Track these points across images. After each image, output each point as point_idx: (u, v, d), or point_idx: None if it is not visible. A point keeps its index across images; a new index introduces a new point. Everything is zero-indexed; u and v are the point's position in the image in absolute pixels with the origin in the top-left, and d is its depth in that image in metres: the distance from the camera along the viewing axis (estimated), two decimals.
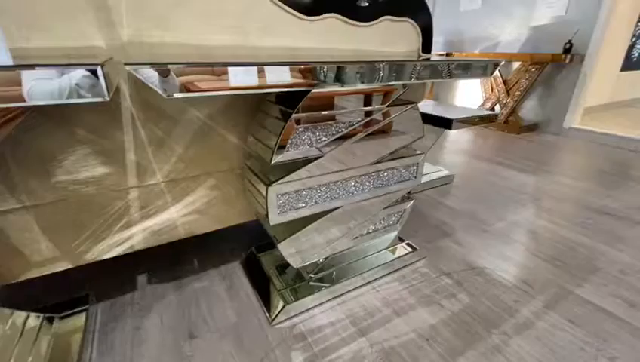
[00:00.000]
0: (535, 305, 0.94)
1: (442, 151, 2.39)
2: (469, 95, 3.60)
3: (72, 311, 0.84)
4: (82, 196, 0.79)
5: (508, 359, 0.78)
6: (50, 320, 0.81)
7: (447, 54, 3.40)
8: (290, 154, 0.76)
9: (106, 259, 0.85)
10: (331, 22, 0.94)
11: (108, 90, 0.49)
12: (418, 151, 1.01)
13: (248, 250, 1.13)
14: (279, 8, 0.85)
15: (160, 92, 0.51)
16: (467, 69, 0.91)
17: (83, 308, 0.86)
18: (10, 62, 0.57)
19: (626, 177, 1.96)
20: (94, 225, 0.83)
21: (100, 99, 0.48)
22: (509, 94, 3.04)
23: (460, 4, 3.46)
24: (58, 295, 0.91)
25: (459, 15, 3.51)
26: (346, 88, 0.77)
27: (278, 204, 0.79)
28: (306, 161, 0.79)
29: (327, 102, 0.84)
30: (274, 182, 0.77)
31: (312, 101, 0.76)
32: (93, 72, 0.47)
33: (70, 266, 0.83)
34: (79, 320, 0.83)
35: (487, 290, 1.00)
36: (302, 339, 0.82)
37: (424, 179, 1.74)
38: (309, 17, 0.90)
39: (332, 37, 0.96)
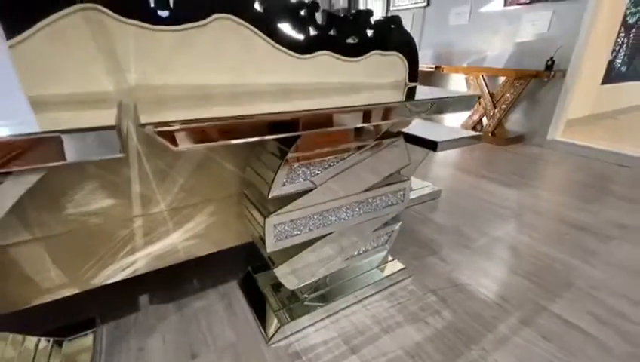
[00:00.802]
0: (511, 321, 1.02)
1: (431, 165, 2.47)
2: None
3: (79, 334, 0.89)
4: (90, 226, 0.84)
5: None
6: (60, 344, 0.86)
7: (437, 67, 3.51)
8: (286, 189, 0.83)
9: (111, 283, 0.90)
10: (323, 58, 1.01)
11: (123, 147, 0.55)
12: (404, 178, 1.08)
13: (245, 270, 1.19)
14: (274, 48, 0.92)
15: (171, 147, 0.57)
16: (450, 105, 0.99)
17: (90, 330, 0.91)
18: (30, 113, 0.63)
19: (604, 191, 2.07)
20: (101, 252, 0.88)
21: (115, 156, 0.54)
22: (495, 107, 3.16)
23: (449, 18, 3.57)
24: (65, 318, 0.95)
25: (448, 29, 3.62)
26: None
27: (275, 233, 0.86)
28: (300, 193, 0.86)
29: (322, 135, 0.90)
30: (271, 213, 0.83)
31: (307, 135, 0.82)
32: (110, 135, 0.53)
33: (77, 291, 0.88)
34: (87, 341, 0.88)
35: (469, 307, 1.07)
36: (297, 358, 0.88)
37: (414, 194, 1.81)
38: (302, 55, 0.97)
39: (324, 72, 1.02)
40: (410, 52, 1.19)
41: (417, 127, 1.75)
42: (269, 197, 0.80)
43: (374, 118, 0.81)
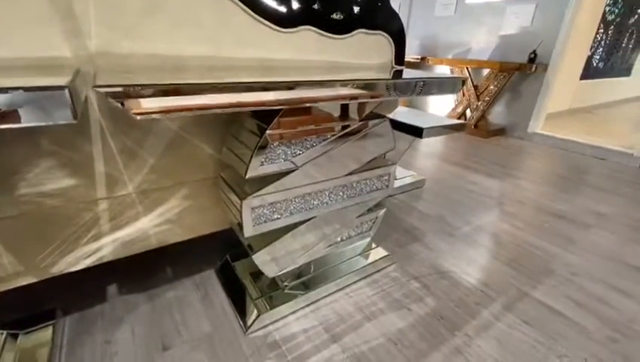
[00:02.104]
0: (494, 307, 1.01)
1: (415, 155, 2.47)
2: (442, 99, 3.72)
3: (37, 327, 0.82)
4: (48, 209, 0.76)
5: (468, 359, 0.83)
6: (15, 337, 0.78)
7: (422, 58, 3.50)
8: (264, 169, 0.77)
9: (74, 271, 0.83)
10: (306, 34, 0.95)
11: (76, 112, 0.48)
12: (389, 162, 1.05)
13: (223, 257, 1.13)
14: (254, 20, 0.85)
15: (131, 114, 0.51)
16: (436, 86, 0.96)
17: (49, 322, 0.83)
18: None
19: (581, 182, 2.12)
20: (61, 237, 0.80)
21: (67, 122, 0.47)
22: (479, 99, 3.18)
23: (435, 9, 3.56)
24: (22, 310, 0.87)
25: (434, 20, 3.61)
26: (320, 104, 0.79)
27: (253, 216, 0.80)
28: (280, 174, 0.81)
29: (304, 113, 0.85)
30: (249, 195, 0.78)
31: (288, 112, 0.77)
32: (61, 96, 0.46)
33: (35, 280, 0.80)
34: (45, 335, 0.81)
35: (452, 293, 1.06)
36: (276, 348, 0.84)
37: (398, 183, 1.79)
38: (283, 29, 0.91)
39: (306, 48, 0.97)
40: (397, 32, 1.15)
41: (403, 114, 1.72)
42: (246, 177, 0.75)
43: (359, 96, 0.77)
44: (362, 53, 1.09)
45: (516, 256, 1.28)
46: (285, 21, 0.90)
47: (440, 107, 3.76)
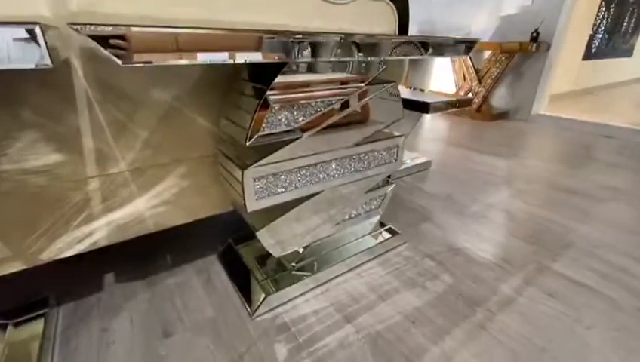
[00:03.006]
0: (514, 281, 0.96)
1: (418, 139, 2.41)
2: (443, 84, 3.66)
3: (27, 316, 0.76)
4: (32, 188, 0.70)
5: (493, 335, 0.78)
6: (4, 327, 0.72)
7: None
8: (266, 135, 0.71)
9: (67, 258, 0.77)
10: None
11: (50, 56, 0.42)
12: (398, 134, 0.99)
13: (225, 242, 1.07)
14: None
15: (114, 59, 0.45)
16: (443, 47, 0.90)
17: (41, 312, 0.78)
18: None
19: (589, 159, 2.06)
20: (49, 220, 0.74)
21: (39, 65, 0.42)
22: (480, 83, 3.12)
23: None
24: (11, 299, 0.82)
25: (432, 4, 3.54)
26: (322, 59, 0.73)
27: (256, 188, 0.75)
28: (283, 143, 0.75)
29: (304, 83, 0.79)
30: (250, 165, 0.72)
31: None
32: (31, 33, 0.40)
33: (23, 267, 0.74)
34: (37, 325, 0.75)
35: (469, 270, 1.00)
36: (285, 330, 0.79)
37: (403, 165, 1.74)
38: None
39: (305, 14, 0.91)
40: (400, 1, 1.09)
41: (407, 92, 1.66)
42: (247, 143, 0.69)
43: (364, 50, 0.71)
44: (363, 20, 1.03)
45: (532, 231, 1.22)
46: None
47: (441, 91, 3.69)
